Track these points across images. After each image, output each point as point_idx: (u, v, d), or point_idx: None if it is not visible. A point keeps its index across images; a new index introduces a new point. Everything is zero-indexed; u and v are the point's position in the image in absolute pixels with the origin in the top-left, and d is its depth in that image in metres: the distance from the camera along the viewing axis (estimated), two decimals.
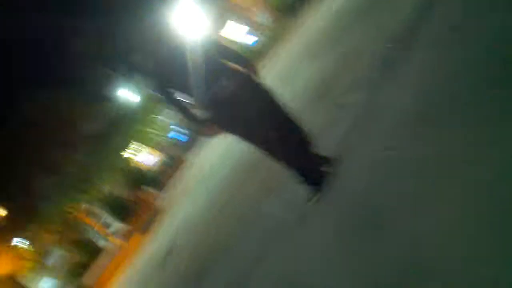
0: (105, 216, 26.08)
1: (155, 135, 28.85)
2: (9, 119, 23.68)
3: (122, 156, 27.61)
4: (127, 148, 28.01)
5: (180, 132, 28.75)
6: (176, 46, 3.28)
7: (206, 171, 13.26)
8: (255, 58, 24.13)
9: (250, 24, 28.63)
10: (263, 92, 3.37)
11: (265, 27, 27.67)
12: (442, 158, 2.28)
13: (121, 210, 25.76)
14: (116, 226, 24.94)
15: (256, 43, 27.62)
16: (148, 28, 3.35)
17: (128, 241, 21.42)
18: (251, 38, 28.31)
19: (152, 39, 3.31)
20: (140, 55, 3.47)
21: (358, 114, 4.02)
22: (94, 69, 28.08)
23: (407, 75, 3.64)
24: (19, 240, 24.65)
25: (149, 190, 24.79)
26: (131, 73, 24.84)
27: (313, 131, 3.54)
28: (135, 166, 29.01)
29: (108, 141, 25.49)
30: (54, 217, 24.13)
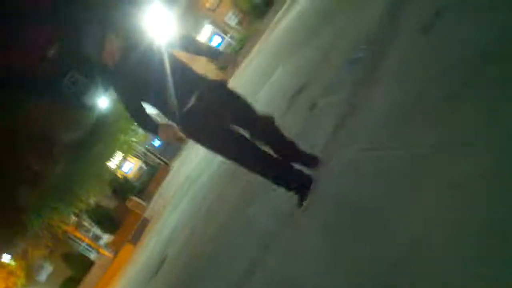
0: (94, 229, 25.90)
1: (137, 143, 28.66)
2: None
3: (106, 166, 27.36)
4: (110, 158, 27.77)
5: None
6: (145, 51, 3.28)
7: (189, 178, 13.24)
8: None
9: (218, 26, 28.62)
10: (237, 100, 3.34)
11: (234, 29, 27.70)
12: (425, 157, 2.30)
13: (109, 221, 25.61)
14: (106, 238, 24.78)
15: (223, 45, 27.67)
16: (116, 34, 3.33)
17: (119, 252, 21.31)
18: (218, 41, 28.33)
19: (120, 45, 3.30)
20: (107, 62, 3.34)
21: (336, 116, 4.00)
22: (69, 75, 27.72)
23: (382, 75, 3.67)
24: (8, 257, 24.34)
25: (135, 200, 24.65)
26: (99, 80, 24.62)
27: (292, 136, 3.55)
28: (120, 175, 28.84)
29: (90, 150, 25.14)
30: (41, 231, 23.82)
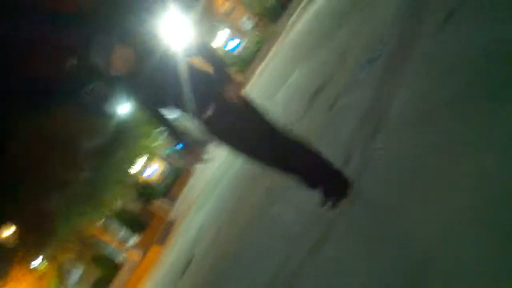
0: (121, 231, 26.21)
1: (159, 147, 28.88)
2: (8, 141, 23.52)
3: (129, 170, 27.65)
4: (133, 163, 28.05)
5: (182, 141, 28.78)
6: (161, 58, 3.20)
7: (212, 179, 13.35)
8: (240, 65, 24.24)
9: (233, 30, 28.63)
10: (253, 113, 3.22)
11: (249, 33, 27.68)
12: (443, 155, 2.35)
13: (135, 224, 25.87)
14: (132, 240, 25.06)
15: (238, 48, 27.64)
16: (125, 42, 3.22)
17: (146, 254, 21.54)
18: (233, 44, 28.32)
19: (131, 54, 3.20)
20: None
21: (354, 116, 4.03)
22: (89, 84, 28.08)
23: (399, 74, 3.69)
24: (38, 261, 24.78)
25: (159, 203, 24.89)
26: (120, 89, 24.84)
27: (311, 138, 3.55)
28: (143, 179, 29.10)
29: (114, 156, 25.48)
30: (70, 235, 24.22)
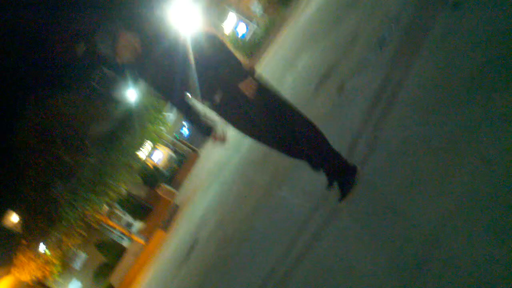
0: (126, 216, 26.35)
1: (166, 132, 28.94)
2: (16, 125, 23.68)
3: (135, 156, 27.73)
4: (139, 148, 28.13)
5: (188, 127, 28.83)
6: (170, 44, 3.16)
7: (218, 163, 13.31)
8: (249, 49, 24.16)
9: (243, 14, 28.52)
10: (265, 96, 3.13)
11: (259, 17, 27.55)
12: (455, 135, 2.27)
13: (140, 209, 26.00)
14: (137, 225, 25.19)
15: (248, 33, 27.55)
16: (140, 26, 3.23)
17: (151, 239, 21.65)
18: (243, 28, 28.23)
19: (145, 39, 3.20)
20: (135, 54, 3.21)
21: (364, 98, 3.96)
22: (97, 70, 28.18)
23: (410, 57, 3.57)
24: (44, 246, 24.99)
25: (165, 187, 24.95)
26: (130, 74, 24.80)
27: (319, 121, 3.40)
28: (149, 164, 29.18)
29: (120, 141, 25.57)
30: (76, 221, 24.39)
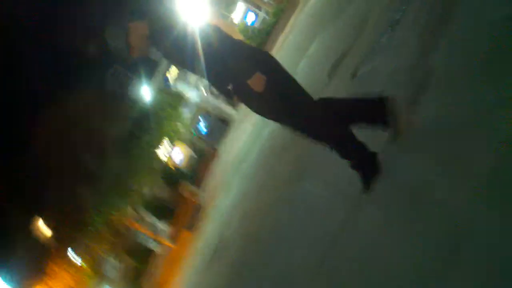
0: (151, 219, 26.48)
1: (183, 129, 28.94)
2: (35, 133, 23.75)
3: (156, 156, 27.79)
4: (159, 147, 28.16)
5: (205, 122, 28.82)
6: (178, 35, 3.05)
7: (238, 158, 13.29)
8: (260, 37, 24.09)
9: (251, 3, 28.44)
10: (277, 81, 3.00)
11: (268, 4, 27.46)
12: (476, 117, 2.19)
13: (165, 210, 26.09)
14: (163, 227, 25.31)
15: (257, 22, 27.46)
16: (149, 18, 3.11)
17: (177, 240, 21.75)
18: (252, 17, 28.15)
19: (155, 30, 3.08)
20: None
21: (378, 83, 3.88)
22: (112, 69, 28.22)
23: (421, 38, 3.49)
24: (74, 254, 25.28)
25: (187, 186, 25.01)
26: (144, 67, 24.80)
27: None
28: (170, 164, 29.25)
29: (139, 142, 25.62)
30: (102, 226, 24.57)
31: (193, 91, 28.71)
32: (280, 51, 14.33)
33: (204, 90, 28.11)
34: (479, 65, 2.44)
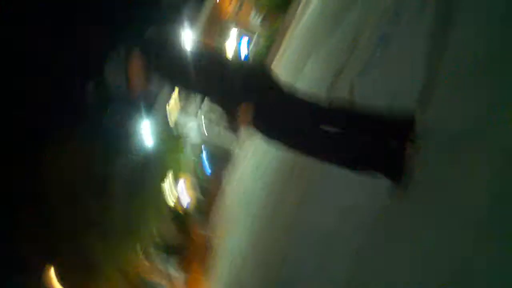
0: (163, 265, 26.10)
1: (187, 167, 28.82)
2: (38, 178, 23.50)
3: (162, 197, 27.54)
4: (163, 180, 27.99)
5: (208, 157, 28.78)
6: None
7: (245, 191, 13.14)
8: (255, 59, 24.22)
9: (243, 28, 28.76)
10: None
11: (260, 27, 27.73)
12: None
13: (176, 253, 25.76)
14: (176, 273, 24.93)
15: (251, 45, 27.73)
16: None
17: (190, 281, 21.36)
18: (246, 41, 28.45)
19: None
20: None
21: (376, 97, 3.80)
22: (110, 108, 28.26)
23: (415, 47, 3.39)
24: None
25: (196, 226, 24.76)
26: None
27: None
28: (176, 204, 29.04)
29: (144, 185, 25.39)
30: (115, 274, 24.07)
31: (194, 126, 28.77)
32: (277, 71, 14.40)
33: (205, 124, 28.18)
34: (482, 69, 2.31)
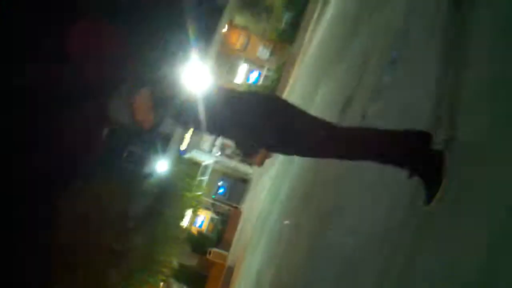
0: None
1: (203, 196, 28.88)
2: (58, 223, 23.57)
3: (179, 226, 27.58)
4: (182, 217, 28.05)
5: (224, 184, 28.86)
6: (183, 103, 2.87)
7: (261, 215, 13.12)
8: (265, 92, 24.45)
9: (252, 63, 29.06)
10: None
11: (268, 60, 28.01)
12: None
13: (196, 278, 25.65)
14: None
15: (260, 79, 27.95)
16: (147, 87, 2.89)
17: None
18: (254, 76, 28.72)
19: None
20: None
21: (388, 122, 3.82)
22: (126, 152, 28.50)
23: (422, 73, 3.48)
24: None
25: (215, 251, 24.66)
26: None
27: None
28: (194, 231, 29.05)
29: (162, 215, 25.45)
30: None
31: (208, 156, 28.91)
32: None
33: (218, 153, 28.30)
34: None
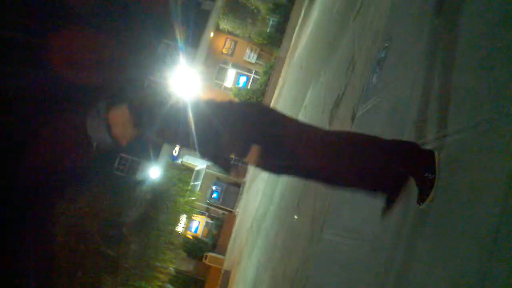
0: None
1: (197, 201, 28.85)
2: (51, 231, 23.43)
3: (174, 231, 27.52)
4: (176, 223, 27.98)
5: (217, 188, 28.87)
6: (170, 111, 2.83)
7: (255, 219, 13.14)
8: (254, 97, 24.55)
9: (240, 67, 29.16)
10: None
11: (256, 64, 28.10)
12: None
13: (193, 284, 25.58)
14: None
15: (249, 83, 28.05)
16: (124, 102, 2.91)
17: None
18: (244, 80, 28.84)
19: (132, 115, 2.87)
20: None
21: (378, 122, 3.89)
22: (117, 160, 28.50)
23: (410, 71, 3.49)
24: None
25: (211, 255, 24.66)
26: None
27: None
28: (189, 236, 29.00)
29: (156, 221, 25.39)
30: None
31: (200, 161, 28.92)
32: (277, 106, 14.53)
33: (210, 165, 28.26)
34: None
